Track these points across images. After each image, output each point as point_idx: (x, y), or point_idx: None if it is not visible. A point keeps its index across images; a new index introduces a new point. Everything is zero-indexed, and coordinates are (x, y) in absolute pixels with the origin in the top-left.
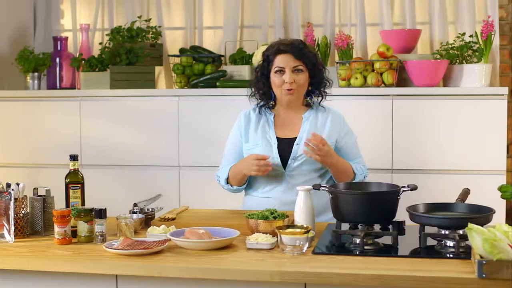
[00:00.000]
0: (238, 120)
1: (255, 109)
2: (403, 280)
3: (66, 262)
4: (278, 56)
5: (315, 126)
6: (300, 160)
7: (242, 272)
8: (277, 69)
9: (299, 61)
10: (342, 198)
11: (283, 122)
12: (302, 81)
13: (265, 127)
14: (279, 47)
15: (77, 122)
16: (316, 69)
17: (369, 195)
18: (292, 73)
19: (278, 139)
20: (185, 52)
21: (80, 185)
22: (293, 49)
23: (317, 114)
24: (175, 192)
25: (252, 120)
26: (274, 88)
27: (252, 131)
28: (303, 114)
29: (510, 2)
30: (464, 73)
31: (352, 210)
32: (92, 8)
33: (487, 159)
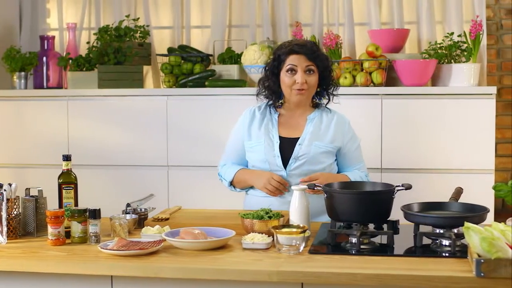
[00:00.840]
0: (243, 117)
1: (260, 107)
2: (402, 279)
3: (61, 263)
4: (291, 56)
5: (319, 128)
6: (302, 160)
7: (240, 272)
8: (289, 67)
9: (311, 62)
10: (337, 198)
11: (288, 121)
12: (313, 82)
13: (269, 125)
14: (293, 47)
15: (65, 122)
16: (326, 71)
17: (364, 194)
18: (304, 73)
19: (281, 138)
20: (174, 52)
21: (73, 186)
22: (307, 50)
23: (322, 116)
24: (164, 192)
25: (256, 118)
26: (284, 88)
27: (255, 128)
28: (308, 115)
29: (497, 2)
30: (453, 73)
31: (347, 210)
32: (78, 7)
33: (476, 158)
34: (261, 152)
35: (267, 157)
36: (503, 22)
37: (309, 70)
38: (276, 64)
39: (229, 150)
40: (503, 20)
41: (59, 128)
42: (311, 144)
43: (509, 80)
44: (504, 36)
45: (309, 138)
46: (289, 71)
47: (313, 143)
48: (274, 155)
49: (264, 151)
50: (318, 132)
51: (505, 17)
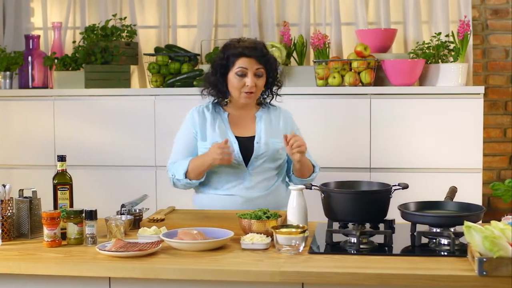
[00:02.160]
0: (191, 117)
1: (208, 107)
2: (404, 279)
3: (59, 265)
4: (241, 58)
5: (270, 125)
6: (263, 158)
7: (242, 272)
8: (239, 71)
9: (261, 65)
10: (335, 198)
11: (238, 121)
12: (261, 84)
13: (222, 126)
14: (244, 50)
15: (51, 122)
16: (274, 73)
17: (362, 194)
18: (253, 76)
19: (237, 138)
20: (161, 51)
21: (69, 186)
22: (257, 53)
23: (269, 113)
24: (152, 193)
25: (207, 118)
26: (232, 89)
27: (209, 129)
28: (256, 113)
29: (482, 3)
30: (441, 73)
31: (345, 209)
32: (63, 6)
33: (464, 157)
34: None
35: None
36: (488, 22)
37: (259, 73)
38: (224, 64)
39: (180, 149)
40: (488, 20)
41: (45, 128)
42: (268, 142)
43: (495, 80)
44: (489, 36)
45: (265, 136)
46: (239, 73)
47: (270, 140)
48: (234, 155)
49: None
50: (270, 129)
51: (490, 17)
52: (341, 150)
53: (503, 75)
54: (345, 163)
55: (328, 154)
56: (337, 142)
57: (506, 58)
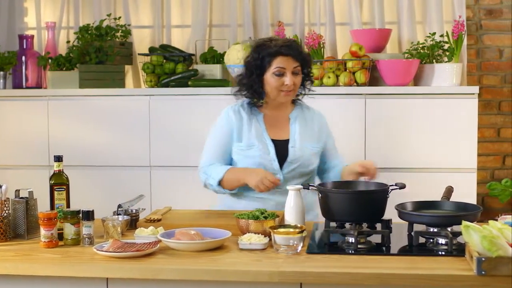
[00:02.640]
0: (227, 116)
1: (243, 106)
2: (403, 279)
3: (57, 265)
4: (278, 57)
5: (305, 128)
6: (297, 163)
7: (240, 273)
8: (277, 71)
9: (298, 63)
10: (332, 198)
11: (273, 122)
12: (299, 82)
13: (258, 127)
14: (280, 49)
15: (45, 122)
16: (309, 68)
17: (360, 194)
18: (291, 75)
19: (273, 141)
20: (155, 51)
21: (65, 187)
22: (294, 51)
23: (303, 114)
24: (146, 193)
25: (243, 118)
26: (270, 89)
27: (245, 130)
28: (290, 114)
29: (476, 3)
30: (435, 73)
31: (342, 209)
32: (56, 6)
33: (458, 157)
34: (256, 156)
35: (263, 161)
36: (482, 22)
37: (296, 71)
38: (259, 64)
39: (215, 149)
40: (482, 20)
41: (40, 129)
42: (303, 146)
43: (489, 80)
44: (483, 36)
45: (300, 140)
46: (277, 73)
47: (305, 145)
48: (270, 159)
49: (260, 155)
50: (305, 132)
51: (484, 18)
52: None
53: (497, 75)
54: None
55: None
56: None
57: (500, 58)
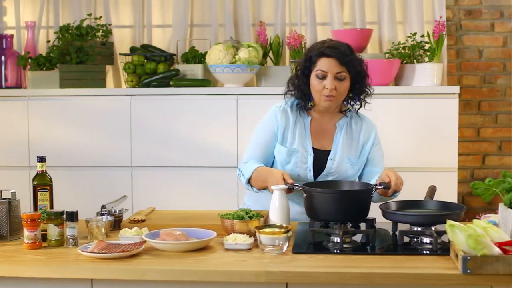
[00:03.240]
0: (274, 115)
1: (291, 107)
2: (389, 278)
3: (41, 267)
4: (321, 58)
5: (350, 140)
6: (332, 176)
7: (227, 273)
8: (318, 72)
9: (343, 67)
10: (317, 197)
11: (318, 128)
12: (343, 89)
13: (302, 133)
14: (324, 50)
15: (25, 122)
16: (359, 77)
17: (344, 193)
18: (334, 79)
19: (315, 150)
20: (136, 51)
21: (49, 187)
22: (339, 54)
23: (351, 123)
24: (128, 193)
25: (290, 120)
26: (313, 92)
27: (290, 132)
28: (337, 122)
29: (456, 3)
30: (416, 72)
31: (327, 209)
32: (36, 6)
33: (439, 156)
34: (293, 163)
35: (299, 169)
36: (462, 22)
37: (340, 76)
38: (307, 65)
39: (256, 147)
40: (462, 20)
41: (20, 129)
42: (343, 160)
43: (468, 80)
44: (463, 37)
45: (341, 154)
46: (319, 75)
47: (344, 159)
48: (306, 168)
49: (297, 163)
50: (350, 143)
51: (464, 18)
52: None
53: (476, 75)
54: None
55: None
56: None
57: (479, 58)
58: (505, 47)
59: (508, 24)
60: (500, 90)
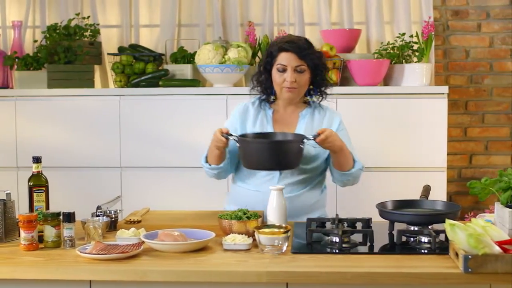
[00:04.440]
0: (236, 111)
1: (254, 103)
2: (391, 277)
3: (40, 268)
4: (281, 53)
5: (311, 125)
6: None
7: (228, 273)
8: (279, 67)
9: (301, 61)
10: (248, 147)
11: (281, 118)
12: (303, 81)
13: (264, 122)
14: (283, 45)
15: (12, 122)
16: (318, 70)
17: (273, 143)
18: (293, 72)
19: None
20: (125, 51)
21: (45, 188)
22: (297, 49)
23: (314, 113)
24: (117, 194)
25: (250, 114)
26: (275, 85)
27: (250, 125)
28: (301, 112)
29: (443, 4)
30: (405, 73)
31: (257, 158)
32: (22, 5)
33: (428, 156)
34: None
35: None
36: (449, 23)
37: (300, 69)
38: (268, 61)
39: None
40: (449, 21)
41: (7, 129)
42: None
43: (455, 80)
44: (450, 37)
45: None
46: (279, 69)
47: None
48: None
49: None
50: (310, 129)
51: (451, 18)
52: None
53: (463, 75)
54: None
55: None
56: None
57: (466, 58)
58: (492, 47)
59: (494, 25)
60: (487, 90)
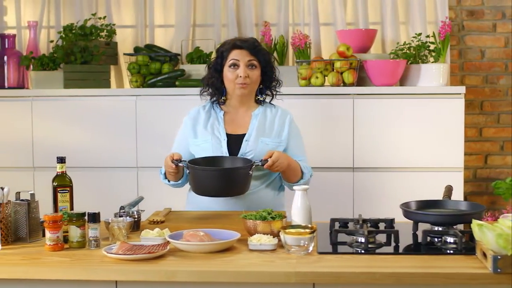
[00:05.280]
0: (187, 117)
1: (204, 107)
2: (419, 277)
3: (67, 269)
4: (233, 51)
5: (264, 123)
6: (249, 156)
7: (257, 274)
8: (231, 63)
9: (253, 56)
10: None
11: (233, 118)
12: (255, 76)
13: (215, 123)
14: (235, 42)
15: (29, 123)
16: (268, 67)
17: (221, 171)
18: (246, 68)
19: (228, 135)
20: (140, 51)
21: (69, 189)
22: (249, 45)
23: (266, 111)
24: (133, 194)
25: (201, 116)
26: (227, 83)
27: (201, 127)
28: (253, 112)
29: (459, 4)
30: (422, 73)
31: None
32: (37, 6)
33: (445, 156)
34: (208, 150)
35: (215, 154)
36: (464, 23)
37: (251, 64)
38: (219, 61)
39: (174, 150)
40: (464, 21)
41: (23, 129)
42: (258, 140)
43: (471, 80)
44: (465, 37)
45: (255, 134)
46: (232, 66)
47: (260, 139)
48: (222, 152)
49: (212, 149)
50: (263, 127)
51: (466, 18)
52: (324, 150)
53: (479, 75)
54: (328, 163)
55: (311, 154)
56: (320, 143)
57: (481, 58)
58: (507, 47)
59: (509, 25)
60: (502, 90)
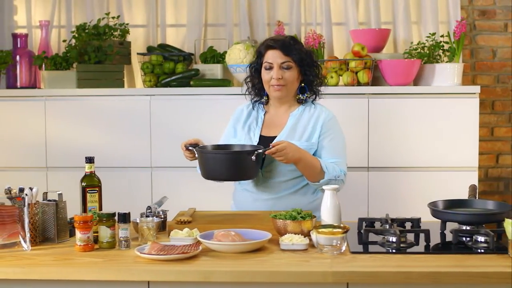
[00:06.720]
0: (233, 115)
1: (248, 105)
2: (455, 277)
3: (100, 269)
4: (268, 51)
5: (299, 125)
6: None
7: (294, 274)
8: (266, 65)
9: (287, 57)
10: (204, 157)
11: (272, 119)
12: (291, 78)
13: (253, 123)
14: (268, 42)
15: (42, 122)
16: (306, 66)
17: (225, 154)
18: (280, 69)
19: (262, 137)
20: (154, 50)
21: (98, 189)
22: (282, 45)
23: (304, 112)
24: (148, 194)
25: (243, 116)
26: (264, 84)
27: (240, 127)
28: (292, 112)
29: (470, 3)
30: (436, 72)
31: (213, 168)
32: (47, 5)
33: (460, 156)
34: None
35: None
36: (476, 23)
37: (286, 66)
38: (257, 61)
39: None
40: (476, 21)
41: (36, 129)
42: None
43: (482, 80)
44: (477, 37)
45: (286, 136)
46: (266, 67)
47: (289, 141)
48: None
49: None
50: (295, 129)
51: (478, 18)
52: None
53: (490, 75)
54: None
55: None
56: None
57: (493, 58)
58: None
59: None
60: None
